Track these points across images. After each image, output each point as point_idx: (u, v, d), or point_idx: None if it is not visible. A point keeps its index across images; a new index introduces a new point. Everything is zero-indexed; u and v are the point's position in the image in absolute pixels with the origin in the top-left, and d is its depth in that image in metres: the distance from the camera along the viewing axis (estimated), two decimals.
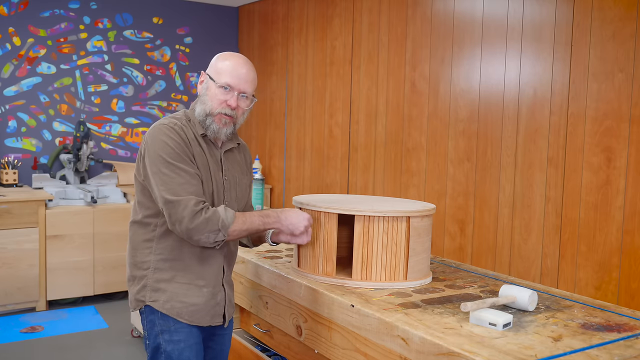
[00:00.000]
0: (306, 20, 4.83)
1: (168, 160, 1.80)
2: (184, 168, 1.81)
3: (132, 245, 1.95)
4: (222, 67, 1.93)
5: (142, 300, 1.92)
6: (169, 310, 1.89)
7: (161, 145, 1.82)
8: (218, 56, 1.99)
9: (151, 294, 1.90)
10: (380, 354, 1.76)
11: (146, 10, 5.36)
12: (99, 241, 4.58)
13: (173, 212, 1.78)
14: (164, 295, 1.89)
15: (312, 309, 2.05)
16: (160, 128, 1.86)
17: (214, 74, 1.94)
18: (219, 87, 1.91)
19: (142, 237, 1.92)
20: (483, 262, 3.38)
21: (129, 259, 1.97)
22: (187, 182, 1.80)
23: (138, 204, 1.93)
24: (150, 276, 1.90)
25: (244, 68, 1.93)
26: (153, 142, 1.84)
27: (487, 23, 3.35)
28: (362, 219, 2.02)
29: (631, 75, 2.70)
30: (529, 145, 3.14)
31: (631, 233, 2.71)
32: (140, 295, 1.92)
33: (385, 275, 2.04)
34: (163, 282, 1.90)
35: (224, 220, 1.81)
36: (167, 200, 1.78)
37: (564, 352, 1.50)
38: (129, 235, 1.98)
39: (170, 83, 5.54)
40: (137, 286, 1.93)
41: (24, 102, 4.91)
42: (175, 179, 1.79)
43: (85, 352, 3.70)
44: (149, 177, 1.83)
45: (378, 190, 4.12)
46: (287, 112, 5.10)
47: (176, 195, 1.77)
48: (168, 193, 1.78)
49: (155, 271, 1.90)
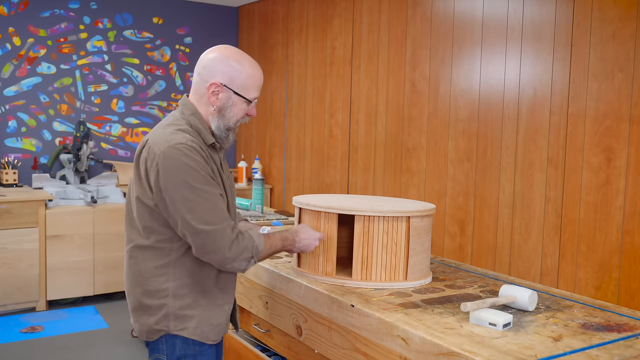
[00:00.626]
0: (306, 20, 4.83)
1: (193, 184, 1.66)
2: (210, 191, 1.68)
3: (139, 272, 1.78)
4: (245, 79, 1.79)
5: (164, 330, 1.78)
6: (198, 336, 1.79)
7: (184, 169, 1.66)
8: (229, 58, 1.80)
9: (175, 322, 1.77)
10: (380, 354, 1.76)
11: (146, 10, 5.36)
12: (99, 241, 4.58)
13: (207, 241, 1.67)
14: (192, 322, 1.77)
15: (312, 309, 2.05)
16: (179, 148, 1.67)
17: (240, 88, 1.79)
18: (244, 102, 1.81)
19: (154, 263, 1.76)
20: (483, 262, 3.38)
21: (135, 288, 1.79)
22: (215, 206, 1.69)
23: (144, 228, 1.76)
24: (171, 304, 1.76)
25: (260, 72, 1.84)
26: (173, 165, 1.66)
27: (487, 23, 3.35)
28: (362, 219, 2.02)
29: (631, 75, 2.70)
30: (529, 145, 3.14)
31: (631, 233, 2.71)
32: (161, 325, 1.77)
33: (385, 275, 2.04)
34: (186, 308, 1.77)
35: (257, 247, 1.77)
36: (199, 230, 1.65)
37: (564, 352, 1.50)
38: (132, 262, 1.80)
39: (170, 83, 5.54)
40: (154, 316, 1.78)
41: (24, 102, 4.91)
42: (203, 205, 1.66)
43: (85, 352, 3.70)
44: (169, 205, 1.68)
45: (378, 190, 4.12)
46: (287, 112, 5.10)
47: (209, 224, 1.66)
48: (199, 222, 1.65)
49: (175, 298, 1.76)
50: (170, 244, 1.76)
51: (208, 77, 1.80)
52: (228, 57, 1.80)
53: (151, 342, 1.82)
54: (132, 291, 1.81)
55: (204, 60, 1.82)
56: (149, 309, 1.78)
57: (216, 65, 1.79)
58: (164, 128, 1.77)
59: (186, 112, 1.82)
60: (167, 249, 1.76)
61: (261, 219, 3.21)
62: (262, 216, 3.30)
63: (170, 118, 1.84)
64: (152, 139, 1.74)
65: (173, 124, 1.78)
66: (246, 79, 1.80)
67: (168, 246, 1.76)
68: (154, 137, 1.75)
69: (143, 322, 1.80)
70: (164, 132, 1.75)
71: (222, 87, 1.79)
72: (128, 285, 1.84)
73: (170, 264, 1.76)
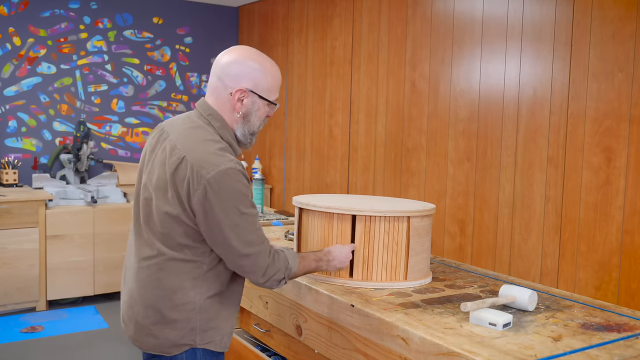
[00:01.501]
0: (306, 20, 4.83)
1: (242, 210, 1.64)
2: (252, 213, 1.68)
3: (168, 286, 1.70)
4: (269, 82, 1.76)
5: (189, 344, 1.72)
6: (222, 347, 1.77)
7: (235, 196, 1.63)
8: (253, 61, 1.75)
9: (202, 336, 1.72)
10: (380, 354, 1.76)
11: (146, 10, 5.36)
12: (99, 241, 4.59)
13: (248, 263, 1.67)
14: (218, 334, 1.75)
15: (312, 309, 2.05)
16: (229, 174, 1.62)
17: (264, 92, 1.76)
18: (267, 104, 1.78)
19: (186, 275, 1.70)
20: (483, 262, 3.38)
21: (160, 301, 1.70)
22: (255, 226, 1.68)
23: (177, 244, 1.69)
24: (198, 318, 1.71)
25: (279, 72, 1.81)
26: (224, 192, 1.61)
27: (487, 23, 3.35)
28: (362, 219, 2.02)
29: (631, 75, 2.70)
30: (529, 145, 3.14)
31: (631, 233, 2.71)
32: (186, 339, 1.71)
33: (385, 275, 2.04)
34: (212, 320, 1.74)
35: (291, 268, 1.77)
36: (244, 254, 1.66)
37: (564, 352, 1.50)
38: (159, 275, 1.70)
39: (171, 83, 5.54)
40: (180, 331, 1.70)
41: (24, 102, 4.91)
42: (247, 228, 1.66)
43: (85, 352, 3.70)
44: (213, 227, 1.63)
45: (378, 190, 4.12)
46: (287, 112, 5.10)
47: (251, 246, 1.66)
48: (244, 246, 1.65)
49: (201, 311, 1.71)
50: (201, 258, 1.71)
51: (232, 83, 1.73)
52: (251, 61, 1.75)
53: (168, 356, 1.74)
54: (155, 305, 1.71)
55: (225, 64, 1.75)
56: (174, 323, 1.70)
57: (240, 70, 1.74)
58: (202, 144, 1.68)
59: (214, 123, 1.75)
60: (199, 262, 1.71)
61: (261, 219, 3.21)
62: (262, 216, 3.30)
63: (201, 131, 1.73)
64: (193, 157, 1.64)
65: (210, 140, 1.70)
66: (270, 82, 1.76)
67: (200, 259, 1.71)
68: (193, 153, 1.65)
69: (165, 336, 1.71)
70: (206, 150, 1.66)
71: (248, 92, 1.74)
72: (148, 299, 1.72)
73: (200, 276, 1.71)
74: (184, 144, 1.68)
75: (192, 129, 1.74)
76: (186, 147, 1.67)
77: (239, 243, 1.64)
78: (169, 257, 1.69)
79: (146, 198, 1.75)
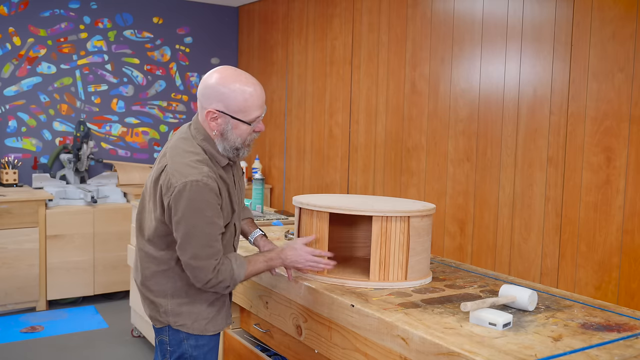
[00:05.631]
0: (306, 20, 4.83)
1: (196, 223, 1.77)
2: (209, 230, 1.79)
3: (147, 272, 1.94)
4: (241, 103, 1.80)
5: (166, 322, 1.94)
6: (196, 330, 1.93)
7: (194, 209, 1.75)
8: (223, 85, 1.80)
9: (175, 318, 1.92)
10: (380, 353, 1.76)
11: (146, 10, 5.36)
12: (99, 241, 4.58)
13: (191, 272, 1.82)
14: (189, 319, 1.92)
15: (312, 309, 2.05)
16: (193, 186, 1.74)
17: (238, 113, 1.81)
18: (245, 123, 1.84)
19: (159, 265, 1.92)
20: (483, 262, 3.38)
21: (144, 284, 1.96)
22: (205, 241, 1.78)
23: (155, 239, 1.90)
24: (169, 302, 1.93)
25: (260, 90, 1.84)
26: (184, 201, 1.75)
27: (487, 23, 3.35)
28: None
29: (631, 75, 2.70)
30: (528, 144, 3.14)
31: (631, 233, 2.71)
32: (162, 318, 1.94)
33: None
34: (184, 305, 1.92)
35: (237, 278, 1.86)
36: (187, 263, 1.81)
37: (564, 352, 1.50)
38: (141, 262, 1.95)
39: (171, 83, 5.54)
40: (155, 310, 1.95)
41: (24, 102, 4.91)
42: (198, 242, 1.78)
43: (85, 352, 3.70)
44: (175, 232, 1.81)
45: (378, 190, 4.12)
46: (287, 112, 5.10)
47: (196, 260, 1.79)
48: (190, 257, 1.79)
49: (173, 297, 1.92)
50: (172, 251, 1.89)
51: (205, 103, 1.84)
52: (223, 83, 1.80)
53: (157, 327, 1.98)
54: (140, 286, 1.98)
55: (202, 85, 1.85)
56: (152, 304, 1.96)
57: (211, 93, 1.82)
58: (182, 154, 1.81)
59: (198, 136, 1.87)
60: (170, 254, 1.90)
61: (261, 219, 3.21)
62: (262, 216, 3.30)
63: (187, 142, 1.86)
64: (170, 166, 1.80)
65: (190, 151, 1.83)
66: (242, 103, 1.81)
67: (170, 252, 1.89)
68: (172, 163, 1.81)
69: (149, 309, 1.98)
70: (182, 161, 1.79)
71: (219, 113, 1.82)
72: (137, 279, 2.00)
73: (170, 269, 1.91)
74: (170, 153, 1.85)
75: (181, 139, 1.88)
76: (171, 155, 1.84)
77: (186, 251, 1.79)
78: (146, 248, 1.92)
79: (142, 200, 1.98)
